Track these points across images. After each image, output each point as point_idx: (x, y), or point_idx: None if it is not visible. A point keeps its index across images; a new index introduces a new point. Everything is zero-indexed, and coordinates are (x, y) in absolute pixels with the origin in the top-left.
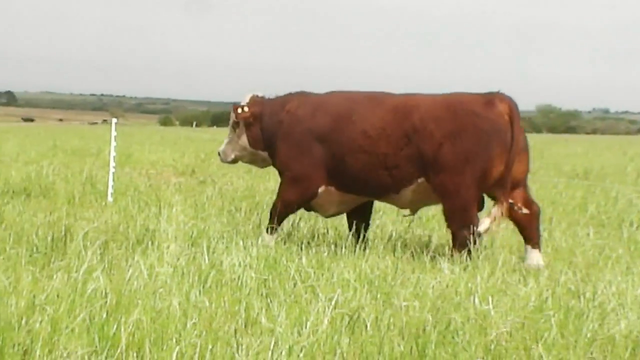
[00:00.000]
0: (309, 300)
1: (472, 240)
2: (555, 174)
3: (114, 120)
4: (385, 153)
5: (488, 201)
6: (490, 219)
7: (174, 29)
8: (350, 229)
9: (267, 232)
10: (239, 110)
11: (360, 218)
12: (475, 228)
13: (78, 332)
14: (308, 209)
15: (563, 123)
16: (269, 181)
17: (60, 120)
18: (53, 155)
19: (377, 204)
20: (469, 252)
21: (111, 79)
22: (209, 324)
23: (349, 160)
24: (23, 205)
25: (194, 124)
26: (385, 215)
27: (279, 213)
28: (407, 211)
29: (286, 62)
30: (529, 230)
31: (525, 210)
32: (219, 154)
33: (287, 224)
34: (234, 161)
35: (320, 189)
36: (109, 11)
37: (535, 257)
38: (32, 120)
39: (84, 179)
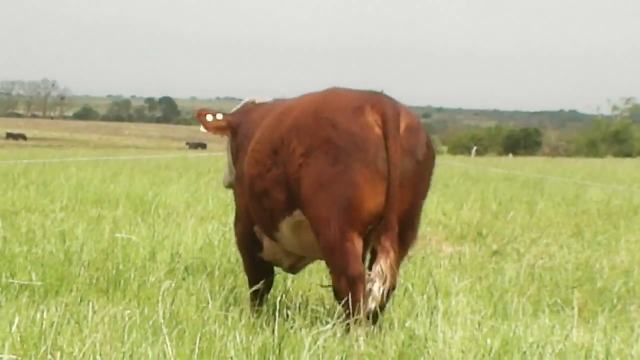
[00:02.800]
0: None
1: (351, 289)
2: None
3: None
4: (253, 175)
5: None
6: (370, 283)
7: None
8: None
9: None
10: (208, 118)
11: None
12: (350, 271)
13: None
14: None
15: None
16: (617, 253)
17: None
18: None
19: None
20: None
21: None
22: None
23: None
24: (202, 291)
25: (474, 149)
26: None
27: (245, 268)
28: None
29: None
30: None
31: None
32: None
33: None
34: (231, 187)
35: (255, 227)
36: None
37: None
38: (203, 147)
39: None
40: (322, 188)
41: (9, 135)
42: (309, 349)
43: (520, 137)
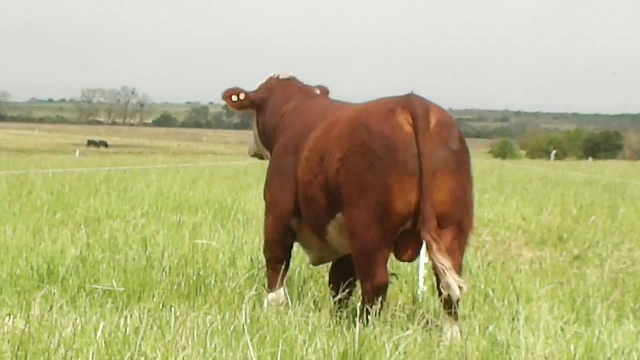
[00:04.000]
0: None
1: (375, 295)
2: None
3: None
4: (305, 181)
5: None
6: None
7: None
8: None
9: (269, 289)
10: (233, 99)
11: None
12: (377, 279)
13: None
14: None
15: None
16: None
17: None
18: None
19: None
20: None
21: None
22: None
23: (298, 186)
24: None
25: (553, 153)
26: None
27: (269, 257)
28: None
29: None
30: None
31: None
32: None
33: None
34: (257, 156)
35: (293, 222)
36: None
37: (453, 332)
38: None
39: None
40: (362, 193)
41: (91, 143)
42: (390, 355)
43: (600, 141)
